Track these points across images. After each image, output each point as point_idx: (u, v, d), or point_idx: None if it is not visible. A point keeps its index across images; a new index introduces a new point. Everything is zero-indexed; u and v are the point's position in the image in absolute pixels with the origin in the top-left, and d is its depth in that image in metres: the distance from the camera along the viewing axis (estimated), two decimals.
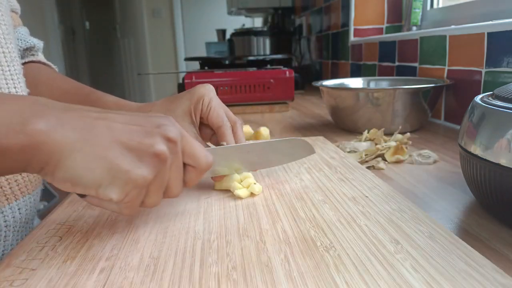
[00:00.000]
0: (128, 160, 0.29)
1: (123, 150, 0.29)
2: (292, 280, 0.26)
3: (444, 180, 0.50)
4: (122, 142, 0.29)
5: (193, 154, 0.34)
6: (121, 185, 0.29)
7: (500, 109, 0.35)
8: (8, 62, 0.41)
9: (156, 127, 0.31)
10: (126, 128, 0.30)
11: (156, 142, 0.30)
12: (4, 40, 0.41)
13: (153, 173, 0.30)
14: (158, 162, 0.30)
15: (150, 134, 0.30)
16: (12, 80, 0.41)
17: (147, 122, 0.31)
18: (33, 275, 0.28)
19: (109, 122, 0.30)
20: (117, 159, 0.29)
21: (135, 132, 0.30)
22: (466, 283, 0.25)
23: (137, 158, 0.29)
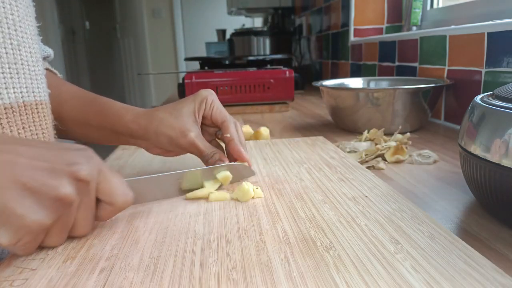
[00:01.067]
0: (25, 202, 0.27)
1: (23, 191, 0.27)
2: (292, 280, 0.26)
3: (444, 180, 0.50)
4: (23, 182, 0.27)
5: (110, 191, 0.32)
6: (13, 230, 0.27)
7: (500, 109, 0.35)
8: (34, 62, 0.42)
9: (66, 165, 0.29)
10: (29, 164, 0.27)
11: (61, 184, 0.28)
12: (32, 40, 0.42)
13: (53, 217, 0.28)
14: (60, 205, 0.28)
15: (56, 174, 0.28)
16: (36, 81, 0.42)
17: (58, 158, 0.29)
18: (33, 275, 0.28)
19: (13, 156, 0.27)
20: (12, 202, 0.26)
21: (39, 170, 0.27)
22: (466, 283, 0.25)
23: (37, 200, 0.27)
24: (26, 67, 0.41)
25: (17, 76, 0.39)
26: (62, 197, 0.28)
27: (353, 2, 1.30)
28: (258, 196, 0.41)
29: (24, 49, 0.40)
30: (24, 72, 0.40)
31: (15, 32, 0.39)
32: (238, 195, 0.41)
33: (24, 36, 0.40)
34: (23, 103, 0.39)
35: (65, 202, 0.28)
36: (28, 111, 0.39)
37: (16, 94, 0.39)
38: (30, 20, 0.42)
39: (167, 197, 0.42)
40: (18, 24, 0.40)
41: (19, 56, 0.40)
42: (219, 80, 1.07)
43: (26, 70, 0.40)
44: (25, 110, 0.39)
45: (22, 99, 0.39)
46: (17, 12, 0.39)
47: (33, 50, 0.42)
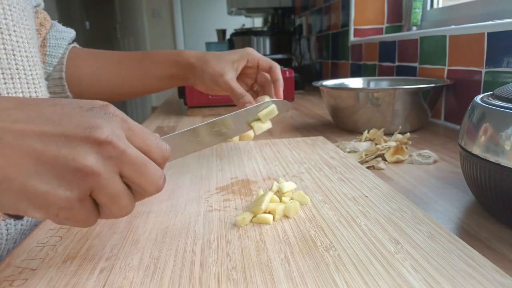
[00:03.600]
0: (44, 178, 0.23)
1: (37, 167, 0.23)
2: (292, 280, 0.26)
3: (444, 180, 0.50)
4: (36, 155, 0.23)
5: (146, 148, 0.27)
6: (43, 208, 0.24)
7: (500, 109, 0.35)
8: (30, 67, 0.41)
9: (82, 129, 0.24)
10: (41, 132, 0.24)
11: (78, 154, 0.24)
12: (28, 44, 0.41)
13: (81, 191, 0.24)
14: (83, 178, 0.24)
15: (71, 141, 0.24)
16: (33, 85, 0.42)
17: (71, 121, 0.24)
18: (33, 275, 0.28)
19: (22, 126, 0.23)
20: (30, 179, 0.23)
21: (52, 138, 0.24)
22: (466, 283, 0.25)
23: (56, 175, 0.23)
24: (22, 72, 0.40)
25: (12, 82, 0.38)
26: (81, 168, 0.23)
27: (353, 2, 1.30)
28: (305, 202, 0.39)
29: (19, 54, 0.40)
30: (19, 77, 0.39)
31: (9, 36, 0.38)
32: (287, 211, 0.37)
33: (19, 41, 0.40)
34: None
35: (86, 173, 0.24)
36: None
37: None
38: (26, 23, 0.42)
39: (205, 146, 0.42)
40: (12, 29, 0.39)
41: (13, 61, 0.39)
42: None
43: (21, 74, 0.40)
44: None
45: None
46: (11, 17, 0.39)
47: (29, 54, 0.41)
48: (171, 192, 0.44)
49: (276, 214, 0.35)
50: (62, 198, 0.23)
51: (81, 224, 0.26)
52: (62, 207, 0.24)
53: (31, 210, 0.24)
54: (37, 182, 0.23)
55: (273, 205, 0.36)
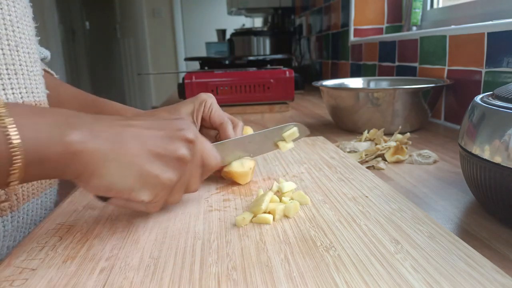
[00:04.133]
0: (156, 165, 0.32)
1: (150, 157, 0.32)
2: (292, 280, 0.26)
3: (444, 180, 0.50)
4: (149, 149, 0.32)
5: (206, 154, 0.38)
6: (151, 188, 0.32)
7: (500, 109, 0.35)
8: (32, 63, 0.42)
9: (177, 131, 0.34)
10: (151, 134, 0.33)
11: (178, 147, 0.33)
12: (30, 41, 0.42)
13: (178, 175, 0.33)
14: (181, 165, 0.34)
15: (172, 138, 0.33)
16: (35, 81, 0.42)
17: (168, 125, 0.34)
18: (33, 275, 0.28)
19: (136, 129, 0.32)
20: (146, 165, 0.32)
21: (159, 138, 0.33)
22: (466, 283, 0.25)
23: (164, 163, 0.32)
24: (25, 67, 0.41)
25: (16, 77, 0.39)
26: (181, 157, 0.33)
27: (353, 2, 1.30)
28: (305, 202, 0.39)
29: (22, 50, 0.40)
30: (22, 72, 0.40)
31: (12, 33, 0.39)
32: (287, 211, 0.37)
33: (22, 37, 0.40)
34: (23, 103, 0.39)
35: (184, 161, 0.33)
36: None
37: (15, 95, 0.39)
38: (27, 20, 0.42)
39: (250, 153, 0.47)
40: (16, 25, 0.40)
41: (17, 57, 0.40)
42: (219, 80, 1.07)
43: (24, 70, 0.40)
44: None
45: (22, 99, 0.39)
46: (15, 13, 0.39)
47: (31, 51, 0.42)
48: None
49: (276, 214, 0.35)
50: (168, 179, 0.32)
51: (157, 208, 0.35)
52: (165, 187, 0.33)
53: (141, 191, 0.32)
54: (152, 168, 0.32)
55: (273, 205, 0.36)
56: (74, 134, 0.29)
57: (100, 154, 0.30)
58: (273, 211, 0.36)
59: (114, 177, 0.31)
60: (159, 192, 0.33)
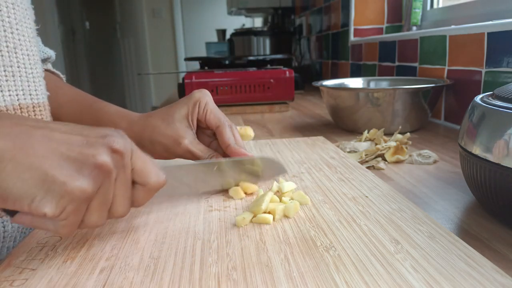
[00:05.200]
0: (65, 170, 0.27)
1: (60, 161, 0.27)
2: (292, 280, 0.26)
3: (444, 180, 0.50)
4: (60, 152, 0.27)
5: (143, 171, 0.32)
6: (56, 198, 0.27)
7: (500, 109, 0.35)
8: (31, 65, 0.42)
9: (100, 137, 0.29)
10: (66, 137, 0.28)
11: (98, 152, 0.28)
12: (30, 43, 0.42)
13: (94, 186, 0.28)
14: (100, 174, 0.28)
15: (92, 144, 0.28)
16: (34, 83, 0.42)
17: (92, 132, 0.29)
18: (33, 275, 0.28)
19: (48, 131, 0.28)
20: (52, 170, 0.27)
21: (75, 141, 0.28)
22: (466, 283, 0.25)
23: (76, 169, 0.27)
24: (23, 69, 0.40)
25: (13, 79, 0.39)
26: (100, 164, 0.28)
27: (353, 2, 1.30)
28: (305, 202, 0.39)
29: (20, 52, 0.40)
30: (20, 74, 0.40)
31: (11, 34, 0.39)
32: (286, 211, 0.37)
33: (21, 39, 0.40)
34: (19, 105, 0.39)
35: (103, 169, 0.28)
36: (24, 113, 0.39)
37: (11, 97, 0.38)
38: (28, 23, 0.42)
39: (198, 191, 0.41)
40: (15, 27, 0.40)
41: (15, 59, 0.39)
42: (219, 80, 1.07)
43: (22, 72, 0.40)
44: (21, 113, 0.39)
45: (18, 101, 0.39)
46: (14, 15, 0.39)
47: (30, 53, 0.42)
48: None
49: (276, 214, 0.35)
50: (78, 187, 0.27)
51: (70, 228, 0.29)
52: (74, 198, 0.27)
53: (43, 201, 0.26)
54: (58, 173, 0.27)
55: (273, 205, 0.36)
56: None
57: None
58: (273, 211, 0.36)
59: (10, 180, 0.26)
60: (67, 205, 0.27)
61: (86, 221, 0.30)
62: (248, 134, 0.66)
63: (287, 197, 0.39)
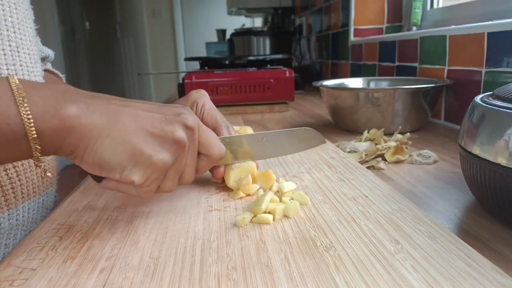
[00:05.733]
0: (150, 145, 0.31)
1: (146, 136, 0.31)
2: (292, 280, 0.26)
3: (444, 180, 0.50)
4: (145, 128, 0.31)
5: (208, 144, 0.36)
6: (143, 169, 0.31)
7: (500, 109, 0.35)
8: (32, 64, 0.42)
9: (176, 115, 0.33)
10: (148, 115, 0.32)
11: (176, 129, 0.32)
12: (30, 42, 0.42)
13: (173, 158, 0.33)
14: (177, 148, 0.33)
15: (170, 121, 0.33)
16: (35, 81, 0.42)
17: (168, 110, 0.34)
18: (33, 275, 0.28)
19: (133, 109, 0.32)
20: (140, 144, 0.31)
21: (156, 119, 0.32)
22: (466, 283, 0.25)
23: (159, 144, 0.32)
24: (25, 68, 0.41)
25: (16, 77, 0.40)
26: (178, 139, 0.32)
27: (353, 2, 1.30)
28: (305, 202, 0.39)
29: (22, 51, 0.41)
30: (23, 73, 0.40)
31: (14, 34, 0.39)
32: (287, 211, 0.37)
33: (22, 38, 0.41)
34: None
35: (180, 144, 0.33)
36: None
37: None
38: (29, 22, 0.43)
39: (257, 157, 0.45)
40: (17, 27, 0.40)
41: (17, 57, 0.40)
42: (219, 80, 1.07)
43: (25, 71, 0.41)
44: None
45: None
46: (16, 15, 0.40)
47: (31, 52, 0.42)
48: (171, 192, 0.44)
49: (276, 214, 0.35)
50: (161, 160, 0.32)
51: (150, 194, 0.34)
52: (157, 169, 0.32)
53: (132, 171, 0.31)
54: (146, 147, 0.31)
55: (273, 205, 0.36)
56: (69, 107, 0.29)
57: (95, 129, 0.30)
58: (273, 211, 0.36)
59: (107, 153, 0.30)
60: (151, 175, 0.32)
61: (162, 187, 0.34)
62: None
63: (287, 197, 0.39)
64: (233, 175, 0.42)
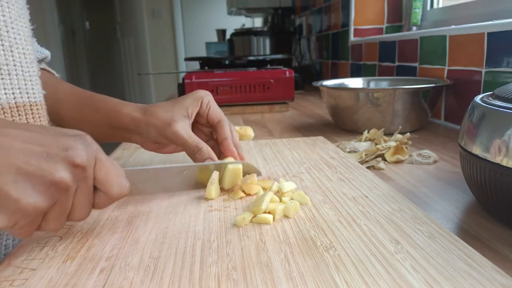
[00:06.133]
0: (19, 187, 0.26)
1: (16, 176, 0.26)
2: (292, 280, 0.26)
3: (444, 180, 0.50)
4: (17, 166, 0.26)
5: (106, 181, 0.31)
6: (9, 214, 0.27)
7: (500, 109, 0.35)
8: (27, 64, 0.42)
9: (62, 150, 0.28)
10: (25, 148, 0.27)
11: (56, 169, 0.27)
12: (25, 42, 0.42)
13: (49, 202, 0.28)
14: (56, 190, 0.28)
15: (52, 158, 0.28)
16: (30, 82, 0.42)
17: (53, 143, 0.28)
18: (33, 275, 0.28)
19: (8, 140, 0.27)
20: (7, 186, 0.26)
21: (34, 154, 0.27)
22: (466, 283, 0.25)
23: (32, 185, 0.27)
24: (19, 68, 0.40)
25: (9, 77, 0.39)
26: (57, 181, 0.27)
27: (353, 2, 1.30)
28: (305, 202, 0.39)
29: (17, 51, 0.40)
30: (17, 73, 0.40)
31: (7, 33, 0.39)
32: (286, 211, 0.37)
33: (16, 38, 0.40)
34: (15, 104, 0.39)
35: (60, 187, 0.28)
36: (21, 112, 0.39)
37: (7, 95, 0.38)
38: (23, 21, 0.42)
39: (168, 191, 0.43)
40: (10, 26, 0.39)
41: (11, 57, 0.39)
42: (219, 80, 1.07)
43: (19, 71, 0.40)
44: (17, 111, 0.39)
45: (14, 100, 0.39)
46: (9, 14, 0.39)
47: (26, 52, 0.42)
48: (171, 192, 0.44)
49: (276, 214, 0.35)
50: (31, 205, 0.27)
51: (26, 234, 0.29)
52: (25, 215, 0.27)
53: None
54: (13, 189, 0.26)
55: (273, 205, 0.36)
56: None
57: None
58: (273, 211, 0.36)
59: None
60: (19, 220, 0.27)
61: (43, 227, 0.30)
62: (248, 134, 0.66)
63: (287, 197, 0.39)
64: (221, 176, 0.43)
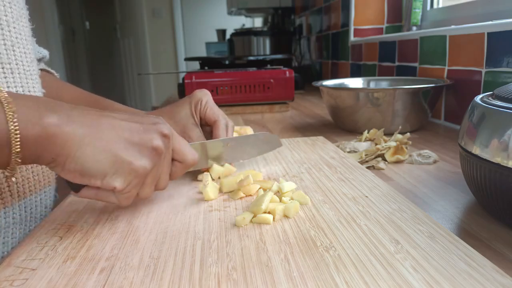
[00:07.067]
0: (130, 153, 0.33)
1: (126, 144, 0.33)
2: (292, 280, 0.26)
3: (444, 180, 0.50)
4: (125, 137, 0.33)
5: (181, 151, 0.38)
6: (124, 175, 0.33)
7: (500, 109, 0.35)
8: (28, 62, 0.43)
9: (152, 124, 0.35)
10: (126, 125, 0.34)
11: (154, 137, 0.34)
12: (26, 41, 0.42)
13: (151, 164, 0.34)
14: (155, 155, 0.34)
15: (148, 130, 0.34)
16: (31, 80, 0.43)
17: (144, 120, 0.35)
18: (33, 275, 0.28)
19: (112, 119, 0.33)
20: (121, 152, 0.32)
21: (134, 128, 0.34)
22: (466, 283, 0.25)
23: (138, 151, 0.33)
24: (21, 67, 0.41)
25: (12, 76, 0.40)
26: (156, 147, 0.34)
27: (353, 2, 1.30)
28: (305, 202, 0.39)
29: (18, 50, 0.41)
30: (19, 71, 0.41)
31: (9, 33, 0.40)
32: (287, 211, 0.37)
33: (18, 37, 0.41)
34: None
35: (158, 151, 0.34)
36: None
37: None
38: (24, 21, 0.43)
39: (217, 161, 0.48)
40: (12, 25, 0.40)
41: (13, 56, 0.40)
42: (219, 80, 1.07)
43: (21, 69, 0.41)
44: None
45: None
46: (11, 14, 0.40)
47: (27, 51, 0.42)
48: (171, 192, 0.44)
49: (276, 214, 0.35)
50: (141, 166, 0.33)
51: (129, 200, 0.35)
52: (137, 175, 0.33)
53: (113, 177, 0.32)
54: (126, 154, 0.33)
55: (273, 205, 0.36)
56: (51, 117, 0.30)
57: (76, 138, 0.31)
58: (273, 211, 0.36)
59: (88, 161, 0.31)
60: (131, 180, 0.33)
61: (140, 193, 0.36)
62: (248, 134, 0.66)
63: (287, 197, 0.39)
64: (215, 173, 0.46)
